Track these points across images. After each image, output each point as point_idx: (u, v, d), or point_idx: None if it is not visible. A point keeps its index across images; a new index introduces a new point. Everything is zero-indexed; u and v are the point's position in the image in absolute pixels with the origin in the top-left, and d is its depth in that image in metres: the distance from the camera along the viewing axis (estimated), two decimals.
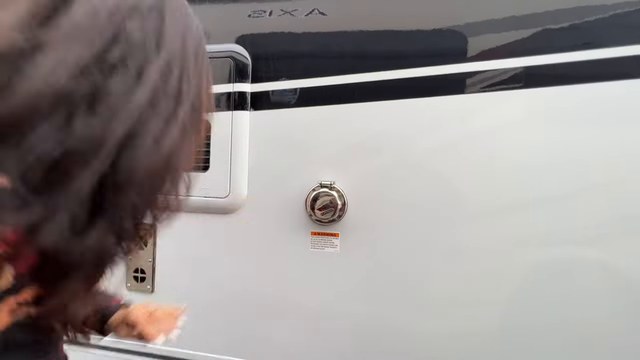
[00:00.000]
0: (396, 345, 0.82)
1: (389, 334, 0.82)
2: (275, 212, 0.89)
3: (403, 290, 0.82)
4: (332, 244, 0.85)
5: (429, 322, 0.80)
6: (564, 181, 0.74)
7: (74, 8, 0.24)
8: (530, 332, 0.76)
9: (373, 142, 0.84)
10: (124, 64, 0.25)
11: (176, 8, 0.31)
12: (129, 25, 0.26)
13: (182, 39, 0.30)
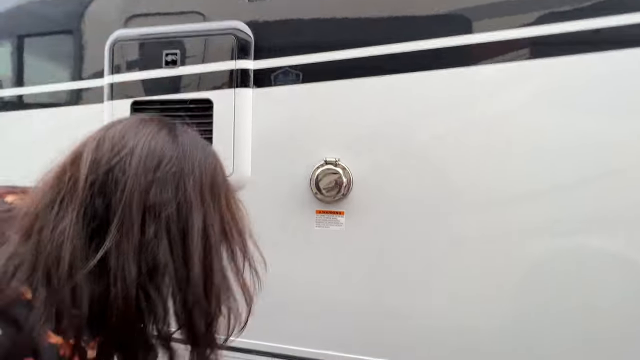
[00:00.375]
0: (400, 325, 0.81)
1: (393, 313, 0.81)
2: (280, 191, 0.88)
3: (409, 269, 0.81)
4: (337, 222, 0.84)
5: (435, 301, 0.80)
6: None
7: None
8: (540, 316, 0.75)
9: (380, 119, 0.83)
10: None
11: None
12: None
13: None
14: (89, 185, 0.33)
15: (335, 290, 0.84)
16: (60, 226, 0.31)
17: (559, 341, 0.73)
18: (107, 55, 0.96)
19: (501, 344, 0.76)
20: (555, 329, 0.72)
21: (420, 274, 0.80)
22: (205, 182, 0.39)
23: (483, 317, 0.77)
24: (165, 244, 0.34)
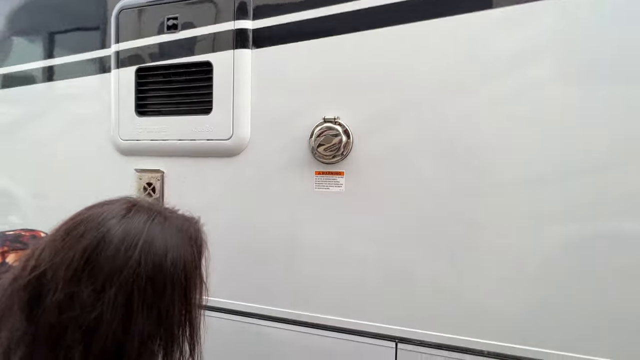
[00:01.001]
0: (402, 284, 0.77)
1: (394, 274, 0.78)
2: (279, 152, 0.86)
3: (410, 230, 0.77)
4: (337, 183, 0.82)
5: (435, 262, 0.75)
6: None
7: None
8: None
9: (381, 75, 0.79)
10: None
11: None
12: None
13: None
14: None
15: (335, 252, 0.82)
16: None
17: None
18: (113, 23, 0.98)
19: (505, 295, 0.71)
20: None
21: (422, 234, 0.76)
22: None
23: (483, 275, 0.72)
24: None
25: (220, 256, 0.90)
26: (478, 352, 0.73)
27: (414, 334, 0.77)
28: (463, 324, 0.74)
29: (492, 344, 0.72)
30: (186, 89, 0.92)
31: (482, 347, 0.73)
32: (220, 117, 0.89)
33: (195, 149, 0.92)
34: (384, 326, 0.79)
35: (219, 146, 0.89)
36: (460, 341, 0.74)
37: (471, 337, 0.74)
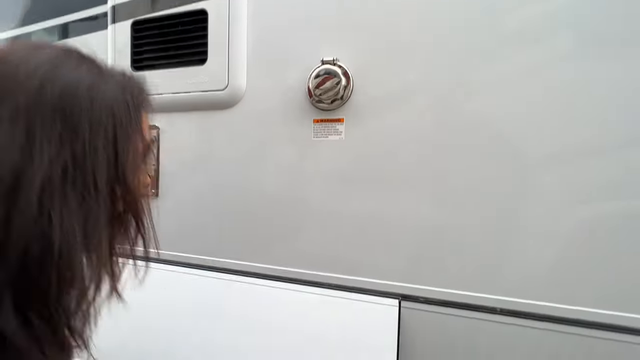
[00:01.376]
0: (405, 237, 0.72)
1: (397, 226, 0.72)
2: (276, 102, 0.81)
3: (412, 178, 0.71)
4: (336, 130, 0.76)
5: (440, 212, 0.69)
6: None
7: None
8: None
9: (382, 14, 0.73)
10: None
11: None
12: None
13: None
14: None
15: (335, 204, 0.77)
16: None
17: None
18: None
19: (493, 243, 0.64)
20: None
21: (424, 180, 0.70)
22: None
23: (494, 227, 0.66)
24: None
25: (217, 211, 0.89)
26: (490, 309, 0.67)
27: (419, 291, 0.71)
28: (472, 280, 0.68)
29: (506, 300, 0.66)
30: (181, 40, 0.89)
31: (494, 303, 0.67)
32: (216, 67, 0.85)
33: (191, 102, 0.88)
34: (386, 283, 0.74)
35: (215, 98, 0.86)
36: (469, 297, 0.68)
37: (482, 293, 0.68)
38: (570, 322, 0.62)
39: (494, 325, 0.67)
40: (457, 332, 0.69)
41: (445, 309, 0.70)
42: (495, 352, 0.67)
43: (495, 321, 0.67)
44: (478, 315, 0.68)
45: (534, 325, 0.64)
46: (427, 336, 0.71)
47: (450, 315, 0.69)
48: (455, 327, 0.69)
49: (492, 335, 0.67)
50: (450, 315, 0.69)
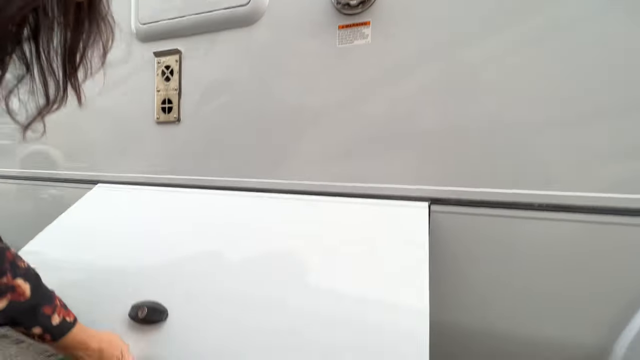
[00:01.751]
0: (435, 139, 0.69)
1: (427, 128, 0.70)
2: (299, 12, 0.80)
3: (442, 80, 0.68)
4: (362, 34, 0.74)
5: (469, 111, 0.66)
6: None
7: None
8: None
9: None
10: None
11: None
12: None
13: None
14: None
15: (366, 108, 0.75)
16: None
17: None
18: None
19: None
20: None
21: (455, 80, 0.67)
22: None
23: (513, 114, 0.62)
24: None
25: (240, 128, 0.87)
26: (527, 205, 0.64)
27: (448, 193, 0.69)
28: (507, 176, 0.65)
29: (543, 194, 0.63)
30: None
31: (532, 199, 0.64)
32: None
33: (214, 21, 0.88)
34: (416, 187, 0.71)
35: (237, 14, 0.85)
36: (505, 195, 0.65)
37: (518, 189, 0.65)
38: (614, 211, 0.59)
39: (527, 222, 0.64)
40: (490, 231, 0.66)
41: (477, 209, 0.67)
42: (528, 246, 0.64)
43: (531, 217, 0.64)
44: (512, 212, 0.65)
45: (572, 217, 0.61)
46: (459, 236, 0.68)
47: (483, 215, 0.66)
48: (488, 226, 0.66)
49: (526, 232, 0.64)
50: (483, 215, 0.66)
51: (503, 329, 0.67)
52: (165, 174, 0.96)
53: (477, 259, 0.68)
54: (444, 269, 0.69)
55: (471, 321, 0.69)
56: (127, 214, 0.90)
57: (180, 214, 0.86)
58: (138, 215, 0.89)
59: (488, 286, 0.68)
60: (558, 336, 0.64)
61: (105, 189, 1.02)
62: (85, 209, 0.96)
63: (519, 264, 0.65)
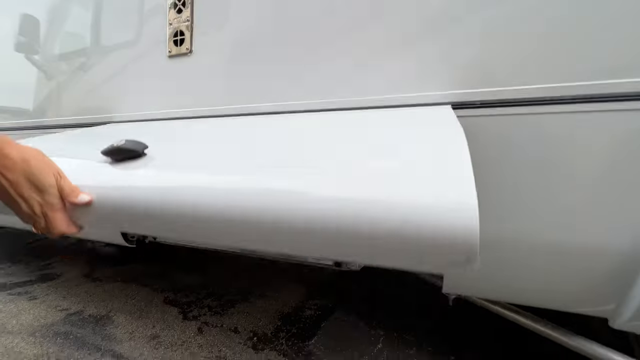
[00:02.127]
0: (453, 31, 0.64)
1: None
2: None
3: None
4: None
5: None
6: None
7: None
8: None
9: None
10: None
11: None
12: None
13: None
14: None
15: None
16: None
17: None
18: None
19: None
20: None
21: None
22: None
23: None
24: None
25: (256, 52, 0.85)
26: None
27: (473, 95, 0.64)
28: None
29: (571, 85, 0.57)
30: None
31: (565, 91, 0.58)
32: None
33: None
34: (436, 94, 0.66)
35: None
36: (530, 91, 0.59)
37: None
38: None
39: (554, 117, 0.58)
40: (521, 130, 0.60)
41: (505, 109, 0.61)
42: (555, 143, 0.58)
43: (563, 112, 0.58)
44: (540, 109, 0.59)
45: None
46: (486, 140, 0.63)
47: (516, 114, 0.61)
48: (518, 126, 0.61)
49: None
50: (516, 114, 0.61)
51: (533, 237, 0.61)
52: (177, 108, 0.95)
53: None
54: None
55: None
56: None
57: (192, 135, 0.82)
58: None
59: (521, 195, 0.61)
60: (596, 243, 0.57)
61: (113, 125, 1.02)
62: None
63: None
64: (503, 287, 0.65)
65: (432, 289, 1.63)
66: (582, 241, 0.58)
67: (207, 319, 1.22)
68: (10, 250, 2.10)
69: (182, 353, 1.01)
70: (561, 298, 0.62)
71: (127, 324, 1.18)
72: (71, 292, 1.45)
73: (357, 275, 1.76)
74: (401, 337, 1.12)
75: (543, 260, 0.60)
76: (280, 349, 1.04)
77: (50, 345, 1.04)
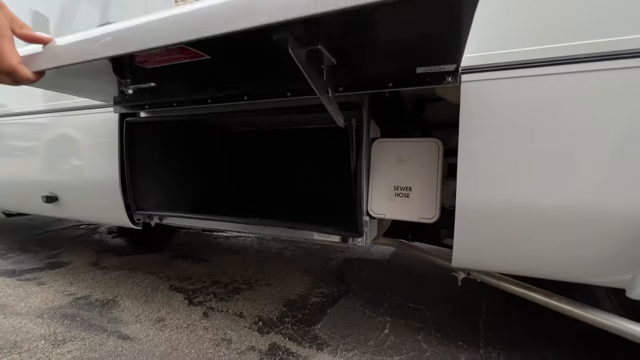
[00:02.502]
0: None
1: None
2: None
3: None
4: None
5: None
6: None
7: None
8: None
9: None
10: None
11: None
12: None
13: None
14: None
15: None
16: None
17: None
18: None
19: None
20: None
21: None
22: None
23: None
24: None
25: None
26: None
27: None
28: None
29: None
30: None
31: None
32: None
33: None
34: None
35: None
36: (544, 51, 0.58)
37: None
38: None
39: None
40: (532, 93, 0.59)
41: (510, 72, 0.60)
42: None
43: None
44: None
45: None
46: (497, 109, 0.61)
47: (523, 77, 0.59)
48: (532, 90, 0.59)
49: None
50: (523, 77, 0.59)
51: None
52: None
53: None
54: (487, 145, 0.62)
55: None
56: None
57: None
58: None
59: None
60: (613, 209, 0.55)
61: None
62: None
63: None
64: (517, 258, 0.63)
65: (440, 274, 1.60)
66: (598, 208, 0.56)
67: (212, 304, 1.22)
68: (20, 239, 2.13)
69: (188, 335, 1.00)
70: (577, 269, 0.60)
71: (132, 308, 1.18)
72: (78, 278, 1.46)
73: (362, 263, 1.74)
74: (408, 323, 1.11)
75: (558, 229, 0.58)
76: (286, 333, 1.02)
77: (58, 326, 1.04)
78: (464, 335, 1.03)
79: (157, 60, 0.63)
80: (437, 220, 0.70)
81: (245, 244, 2.13)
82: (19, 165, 1.37)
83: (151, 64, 0.64)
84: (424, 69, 0.59)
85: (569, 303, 0.65)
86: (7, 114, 1.38)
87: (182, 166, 1.28)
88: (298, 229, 0.80)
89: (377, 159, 0.75)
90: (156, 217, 1.08)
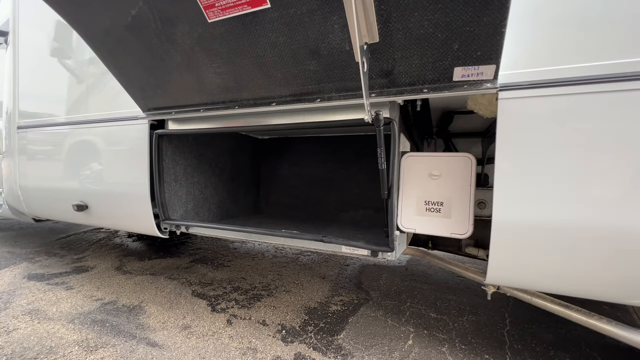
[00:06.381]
0: None
1: None
2: None
3: None
4: None
5: None
6: None
7: None
8: None
9: None
10: None
11: None
12: None
13: None
14: None
15: None
16: None
17: None
18: None
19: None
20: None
21: None
22: None
23: None
24: None
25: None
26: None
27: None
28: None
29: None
30: None
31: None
32: None
33: None
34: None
35: None
36: (579, 70, 0.57)
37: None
38: None
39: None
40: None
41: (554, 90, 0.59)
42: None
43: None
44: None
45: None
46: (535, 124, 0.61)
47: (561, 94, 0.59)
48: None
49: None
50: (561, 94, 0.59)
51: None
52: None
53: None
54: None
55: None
56: None
57: None
58: None
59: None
60: None
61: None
62: None
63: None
64: (563, 278, 0.62)
65: (457, 281, 1.58)
66: None
67: (235, 311, 1.23)
68: (45, 243, 2.20)
69: (214, 343, 1.02)
70: (619, 289, 0.58)
71: (158, 314, 1.21)
72: (104, 283, 1.50)
73: (380, 269, 1.74)
74: (432, 334, 1.10)
75: (602, 247, 0.57)
76: (310, 342, 1.03)
77: (89, 331, 1.08)
78: (489, 348, 1.02)
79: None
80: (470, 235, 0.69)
81: (262, 249, 2.15)
82: (53, 173, 1.42)
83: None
84: (463, 70, 0.59)
85: (610, 323, 0.63)
86: (50, 124, 1.43)
87: (208, 175, 1.30)
88: (327, 242, 0.80)
89: (407, 173, 0.75)
90: (183, 227, 1.10)
